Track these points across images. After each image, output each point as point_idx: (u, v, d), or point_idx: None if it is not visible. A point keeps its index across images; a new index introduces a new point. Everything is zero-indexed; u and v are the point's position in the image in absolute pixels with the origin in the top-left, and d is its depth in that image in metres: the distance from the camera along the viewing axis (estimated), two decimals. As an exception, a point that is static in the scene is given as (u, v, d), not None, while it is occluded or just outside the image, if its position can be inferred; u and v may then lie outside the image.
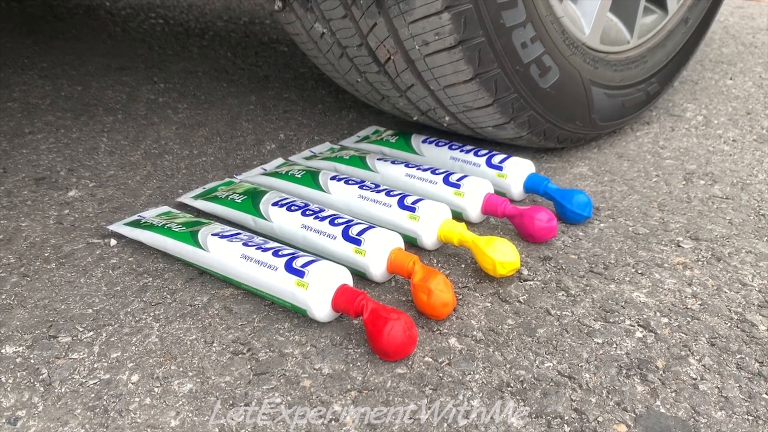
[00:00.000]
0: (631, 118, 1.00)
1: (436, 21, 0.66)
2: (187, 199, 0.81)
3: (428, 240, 0.69)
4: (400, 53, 0.71)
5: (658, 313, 0.60)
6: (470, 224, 0.77)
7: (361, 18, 0.69)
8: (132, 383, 0.52)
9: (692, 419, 0.48)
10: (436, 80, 0.74)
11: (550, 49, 0.78)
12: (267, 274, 0.59)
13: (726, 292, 0.63)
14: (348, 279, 0.59)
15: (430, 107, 0.85)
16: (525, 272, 0.67)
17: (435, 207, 0.70)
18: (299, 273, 0.58)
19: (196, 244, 0.65)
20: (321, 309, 0.56)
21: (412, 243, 0.71)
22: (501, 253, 0.63)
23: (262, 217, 0.72)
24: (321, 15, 0.73)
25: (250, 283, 0.61)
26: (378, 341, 0.53)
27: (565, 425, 0.48)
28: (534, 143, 0.89)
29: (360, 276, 0.66)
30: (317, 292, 0.56)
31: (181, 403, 0.50)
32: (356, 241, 0.64)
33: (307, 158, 0.92)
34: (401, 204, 0.71)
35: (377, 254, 0.63)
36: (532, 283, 0.65)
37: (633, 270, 0.67)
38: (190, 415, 0.49)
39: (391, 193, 0.73)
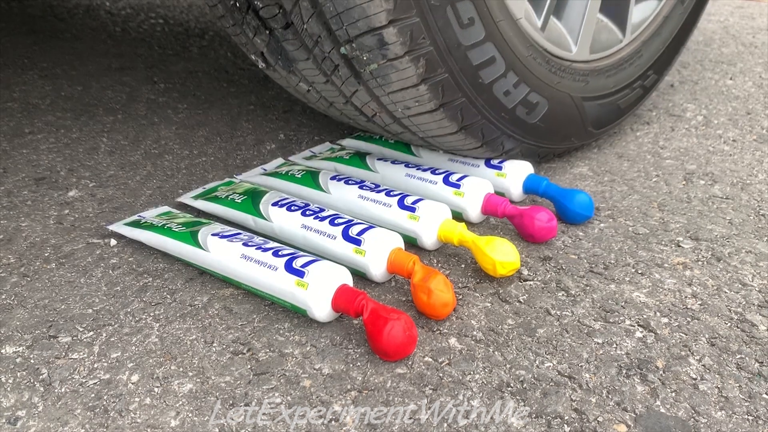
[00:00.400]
0: (628, 115, 1.00)
1: (413, 92, 0.65)
2: (187, 199, 0.81)
3: (428, 240, 0.69)
4: (385, 112, 0.71)
5: (658, 313, 0.60)
6: (470, 224, 0.77)
7: (342, 85, 0.69)
8: (132, 383, 0.52)
9: (692, 419, 0.48)
10: (423, 131, 0.74)
11: (535, 87, 0.76)
12: (267, 274, 0.59)
13: (726, 292, 0.63)
14: (348, 279, 0.59)
15: (421, 146, 0.87)
16: (525, 272, 0.67)
17: (435, 207, 0.70)
18: (299, 273, 0.58)
19: (196, 244, 0.65)
20: (321, 309, 0.56)
21: (412, 243, 0.71)
22: (501, 253, 0.63)
23: (262, 217, 0.72)
24: (303, 77, 0.73)
25: (250, 283, 0.61)
26: (378, 341, 0.53)
27: (565, 425, 0.48)
28: (531, 161, 0.88)
29: (360, 276, 0.66)
30: (317, 292, 0.56)
31: (181, 403, 0.50)
32: (356, 241, 0.64)
33: (307, 158, 0.92)
34: (401, 204, 0.71)
35: (377, 254, 0.63)
36: (532, 283, 0.65)
37: (633, 270, 0.67)
38: (190, 415, 0.49)
39: (391, 193, 0.73)
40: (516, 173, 0.81)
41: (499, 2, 0.68)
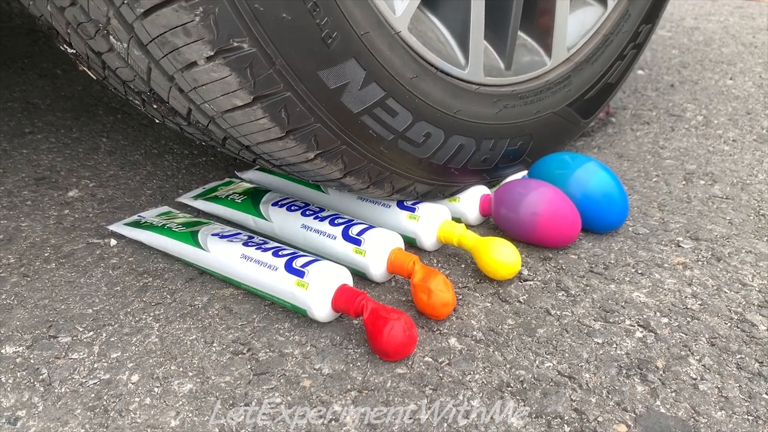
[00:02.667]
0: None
1: (254, 118, 0.56)
2: (187, 199, 0.81)
3: (428, 241, 0.69)
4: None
5: (658, 313, 0.60)
6: (469, 226, 0.77)
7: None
8: (132, 383, 0.52)
9: (692, 419, 0.48)
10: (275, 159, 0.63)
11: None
12: (267, 274, 0.59)
13: (726, 292, 0.63)
14: (348, 279, 0.59)
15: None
16: (525, 272, 0.67)
17: (434, 208, 0.70)
18: (299, 273, 0.58)
19: (196, 244, 0.65)
20: (321, 309, 0.56)
21: (411, 243, 0.71)
22: (501, 255, 0.63)
23: (262, 217, 0.72)
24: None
25: (250, 283, 0.61)
26: (378, 341, 0.53)
27: (565, 425, 0.48)
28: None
29: (360, 276, 0.66)
30: (317, 292, 0.56)
31: (181, 403, 0.50)
32: (356, 241, 0.64)
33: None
34: (401, 204, 0.71)
35: (377, 254, 0.63)
36: (532, 283, 0.65)
37: (633, 270, 0.67)
38: (190, 415, 0.49)
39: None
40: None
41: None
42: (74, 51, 0.58)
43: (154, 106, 0.59)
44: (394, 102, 0.61)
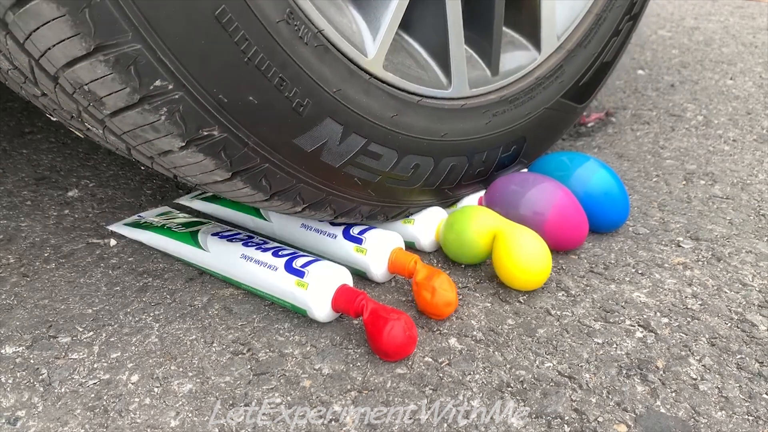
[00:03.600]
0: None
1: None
2: (185, 200, 0.81)
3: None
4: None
5: (658, 313, 0.60)
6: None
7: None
8: (132, 383, 0.52)
9: (692, 419, 0.48)
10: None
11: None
12: (267, 274, 0.59)
13: (726, 292, 0.63)
14: (348, 279, 0.59)
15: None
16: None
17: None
18: (299, 273, 0.58)
19: (196, 244, 0.65)
20: (321, 309, 0.56)
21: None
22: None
23: (261, 217, 0.72)
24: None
25: (250, 284, 0.61)
26: (378, 341, 0.53)
27: (566, 425, 0.48)
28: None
29: (360, 276, 0.66)
30: (317, 292, 0.56)
31: (181, 403, 0.50)
32: (357, 240, 0.64)
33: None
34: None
35: (378, 253, 0.63)
36: (532, 283, 0.65)
37: (633, 270, 0.67)
38: (190, 415, 0.49)
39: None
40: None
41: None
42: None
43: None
44: (376, 146, 0.60)
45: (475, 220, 0.64)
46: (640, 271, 0.67)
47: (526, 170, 0.79)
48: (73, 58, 0.41)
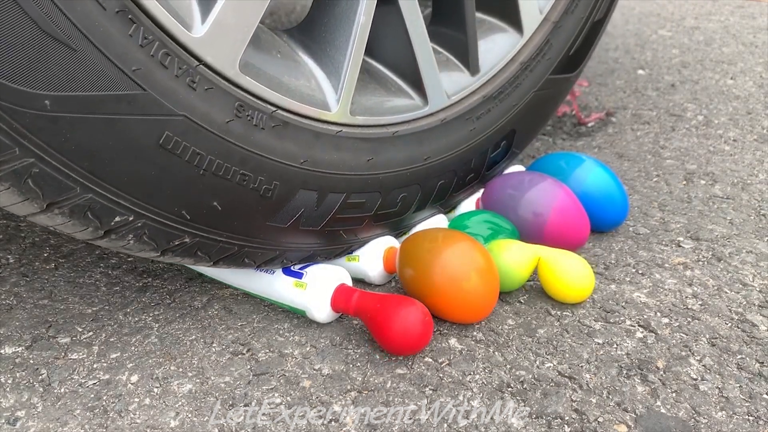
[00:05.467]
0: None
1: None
2: None
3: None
4: None
5: (658, 314, 0.60)
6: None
7: None
8: (131, 383, 0.52)
9: (693, 420, 0.48)
10: None
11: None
12: (264, 277, 0.59)
13: (726, 293, 0.63)
14: (347, 278, 0.59)
15: None
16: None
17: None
18: (297, 274, 0.57)
19: None
20: (320, 310, 0.56)
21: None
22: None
23: None
24: None
25: (248, 288, 0.61)
26: (390, 333, 0.52)
27: (566, 426, 0.47)
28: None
29: (358, 279, 0.66)
30: (316, 293, 0.56)
31: (180, 403, 0.50)
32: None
33: None
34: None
35: (372, 258, 0.62)
36: (532, 282, 0.65)
37: (633, 270, 0.67)
38: (189, 415, 0.49)
39: None
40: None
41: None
42: None
43: None
44: (356, 195, 0.58)
45: (507, 252, 0.61)
46: (640, 271, 0.67)
47: (523, 169, 0.79)
48: (30, 213, 0.43)
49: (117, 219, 0.45)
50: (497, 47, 0.69)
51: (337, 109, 0.55)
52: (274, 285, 0.58)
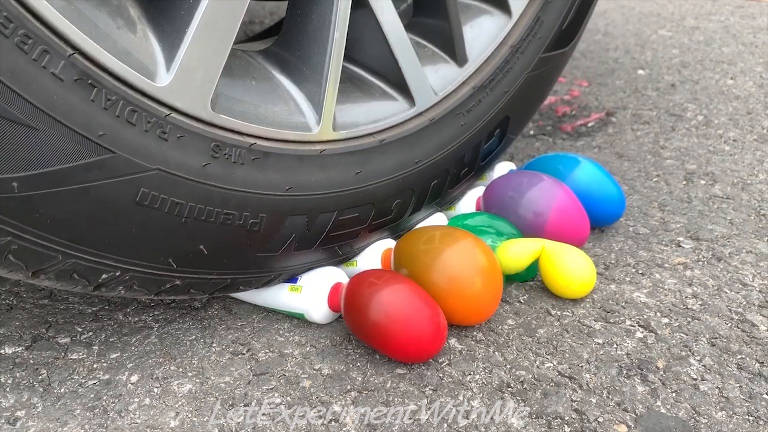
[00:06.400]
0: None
1: None
2: None
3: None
4: None
5: (658, 314, 0.60)
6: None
7: None
8: (131, 383, 0.52)
9: (693, 419, 0.48)
10: None
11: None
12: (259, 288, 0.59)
13: (726, 293, 0.63)
14: (342, 277, 0.58)
15: None
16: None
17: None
18: (292, 279, 0.57)
19: None
20: (318, 311, 0.56)
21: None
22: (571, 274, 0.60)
23: None
24: None
25: (244, 298, 0.61)
26: (397, 337, 0.52)
27: (566, 425, 0.47)
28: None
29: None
30: (312, 295, 0.56)
31: (180, 403, 0.50)
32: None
33: None
34: None
35: (370, 262, 0.62)
36: (532, 283, 0.65)
37: (633, 270, 0.67)
38: (189, 415, 0.49)
39: None
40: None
41: None
42: None
43: None
44: (348, 211, 0.56)
45: (511, 245, 0.61)
46: (640, 271, 0.67)
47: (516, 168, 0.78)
48: (19, 278, 0.44)
49: (104, 276, 0.46)
50: (484, 32, 0.66)
51: (319, 128, 0.53)
52: (270, 293, 0.58)
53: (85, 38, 0.39)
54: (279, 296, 0.57)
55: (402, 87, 0.59)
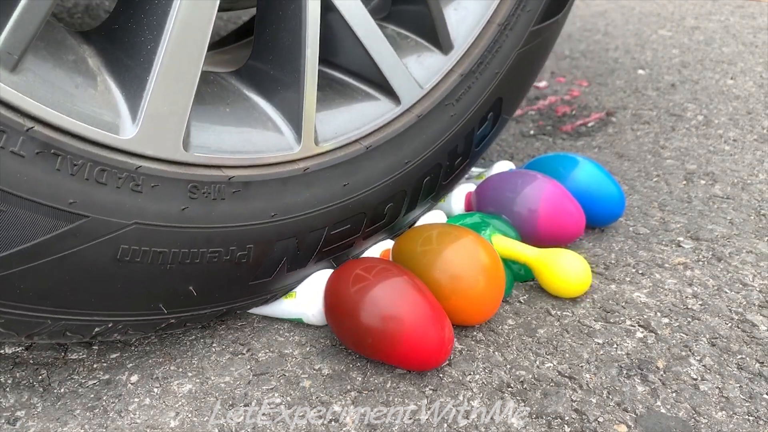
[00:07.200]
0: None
1: None
2: None
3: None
4: None
5: (658, 314, 0.60)
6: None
7: None
8: (131, 383, 0.52)
9: (693, 419, 0.48)
10: None
11: None
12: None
13: (726, 293, 0.63)
14: None
15: None
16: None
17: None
18: None
19: None
20: (315, 314, 0.56)
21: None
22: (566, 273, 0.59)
23: None
24: None
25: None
26: (399, 345, 0.52)
27: (566, 426, 0.47)
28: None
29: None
30: (308, 299, 0.56)
31: (180, 403, 0.50)
32: None
33: None
34: None
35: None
36: (532, 283, 0.65)
37: (633, 270, 0.67)
38: (189, 415, 0.49)
39: None
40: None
41: None
42: None
43: None
44: (339, 224, 0.55)
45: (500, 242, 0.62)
46: (640, 271, 0.67)
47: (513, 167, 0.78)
48: (13, 342, 0.44)
49: (97, 329, 0.46)
50: (470, 14, 0.61)
51: (300, 146, 0.51)
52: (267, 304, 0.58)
53: (43, 107, 0.38)
54: (275, 305, 0.57)
55: (383, 86, 0.57)
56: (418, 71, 0.58)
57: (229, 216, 0.47)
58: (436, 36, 0.60)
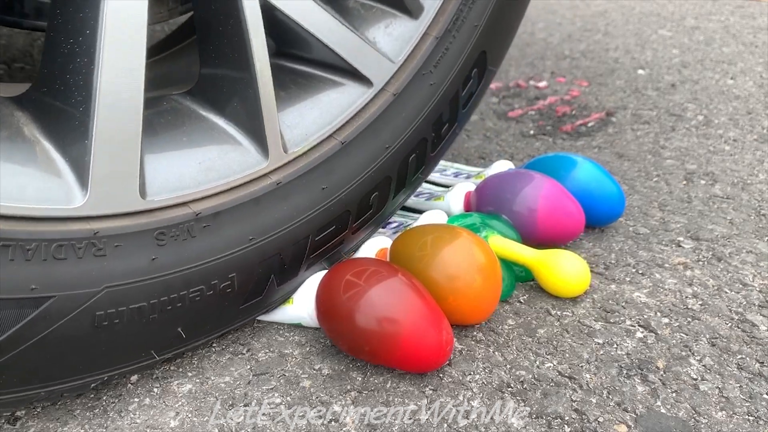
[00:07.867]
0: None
1: None
2: None
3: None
4: None
5: (658, 314, 0.60)
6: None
7: None
8: (131, 383, 0.52)
9: (693, 419, 0.48)
10: None
11: None
12: None
13: (727, 293, 0.63)
14: None
15: None
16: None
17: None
18: None
19: None
20: (313, 317, 0.56)
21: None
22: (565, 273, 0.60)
23: None
24: None
25: None
26: (398, 347, 0.52)
27: (566, 426, 0.47)
28: None
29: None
30: (304, 303, 0.56)
31: (180, 403, 0.50)
32: None
33: None
34: None
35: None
36: (532, 283, 0.65)
37: (633, 270, 0.67)
38: (189, 415, 0.49)
39: None
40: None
41: None
42: None
43: None
44: (323, 229, 0.52)
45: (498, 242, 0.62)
46: (640, 271, 0.67)
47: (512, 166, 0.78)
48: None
49: (93, 384, 0.46)
50: None
51: (269, 158, 0.47)
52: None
53: None
54: (273, 312, 0.57)
55: (348, 69, 0.51)
56: (387, 44, 0.53)
57: (204, 252, 0.45)
58: (402, 0, 0.54)
